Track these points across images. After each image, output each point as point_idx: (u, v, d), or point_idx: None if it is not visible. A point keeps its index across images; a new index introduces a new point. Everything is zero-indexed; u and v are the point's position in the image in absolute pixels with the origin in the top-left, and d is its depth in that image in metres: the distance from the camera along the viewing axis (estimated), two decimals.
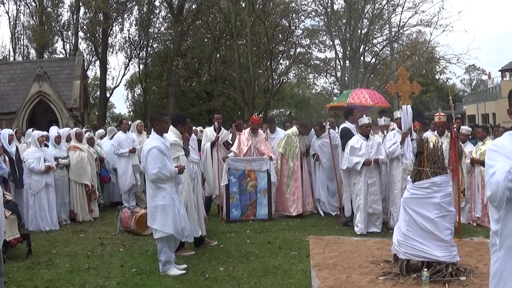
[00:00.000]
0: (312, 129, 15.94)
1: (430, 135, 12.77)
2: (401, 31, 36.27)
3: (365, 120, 12.87)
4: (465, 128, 14.63)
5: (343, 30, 35.40)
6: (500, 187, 4.36)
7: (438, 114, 13.35)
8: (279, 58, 39.99)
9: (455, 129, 12.49)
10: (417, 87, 12.96)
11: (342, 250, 10.76)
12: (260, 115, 16.42)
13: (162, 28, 44.92)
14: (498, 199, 4.44)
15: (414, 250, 8.63)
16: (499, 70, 66.80)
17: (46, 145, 14.50)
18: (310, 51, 41.61)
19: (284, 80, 42.60)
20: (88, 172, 14.90)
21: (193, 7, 42.68)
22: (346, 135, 13.56)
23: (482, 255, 10.01)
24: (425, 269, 8.30)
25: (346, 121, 14.12)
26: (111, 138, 17.56)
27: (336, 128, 15.43)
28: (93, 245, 11.81)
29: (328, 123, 15.26)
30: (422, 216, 8.59)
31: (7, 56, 47.15)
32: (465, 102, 75.93)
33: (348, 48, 35.06)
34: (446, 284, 8.22)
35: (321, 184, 15.24)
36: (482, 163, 13.12)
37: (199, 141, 15.10)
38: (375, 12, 35.25)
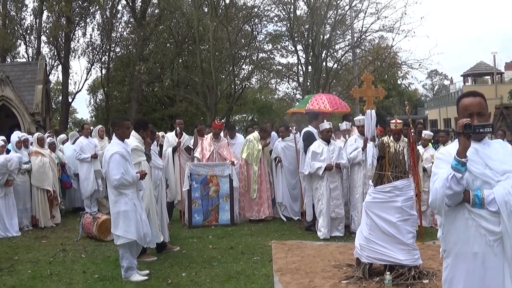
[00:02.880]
0: (274, 133, 16.01)
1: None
2: (363, 36, 36.35)
3: (326, 125, 12.94)
4: (427, 133, 14.80)
5: (305, 35, 35.44)
6: (438, 194, 4.57)
7: (394, 121, 13.44)
8: (241, 63, 39.88)
9: (412, 134, 12.60)
10: (381, 92, 13.03)
11: (305, 254, 10.80)
12: (222, 120, 16.43)
13: (125, 33, 44.74)
14: (438, 206, 4.66)
15: (377, 253, 8.67)
16: (461, 75, 67.69)
17: (8, 150, 14.37)
18: (272, 56, 41.59)
19: (247, 85, 42.60)
20: (50, 178, 14.77)
21: (156, 12, 42.54)
22: (308, 138, 13.62)
23: None
24: (388, 273, 8.35)
25: (309, 125, 14.16)
26: (73, 143, 17.45)
27: (299, 133, 15.44)
28: (55, 251, 11.70)
29: (294, 127, 15.30)
30: (384, 220, 8.64)
31: None
32: (427, 107, 76.60)
33: (311, 53, 35.09)
34: (409, 287, 8.27)
35: (283, 188, 15.27)
36: None
37: (161, 146, 15.05)
38: (337, 17, 35.31)
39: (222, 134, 15.55)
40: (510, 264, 4.46)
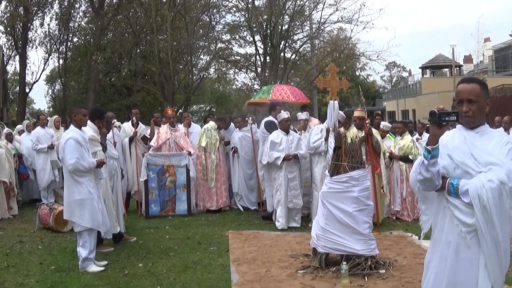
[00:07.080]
0: (232, 124, 15.96)
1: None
2: (322, 27, 36.38)
3: (284, 114, 12.93)
4: (385, 124, 14.84)
5: (264, 26, 35.42)
6: (411, 178, 4.64)
7: (359, 110, 13.49)
8: (199, 53, 39.73)
9: (367, 125, 12.61)
10: (345, 84, 13.04)
11: (261, 244, 10.78)
12: (174, 108, 16.43)
13: (83, 23, 44.24)
14: (413, 190, 4.79)
15: (333, 243, 8.67)
16: (419, 67, 68.29)
17: None
18: (230, 46, 41.49)
19: (204, 76, 42.52)
20: (7, 169, 14.55)
21: (114, 1, 42.14)
22: (271, 125, 13.59)
23: (401, 248, 10.14)
24: (344, 263, 8.36)
25: (270, 116, 14.15)
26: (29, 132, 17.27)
27: (256, 124, 15.38)
28: (12, 242, 11.53)
29: (250, 118, 15.27)
30: (340, 210, 8.64)
31: None
32: (385, 98, 77.08)
33: (269, 44, 35.12)
34: (366, 277, 8.29)
35: (240, 178, 15.25)
36: (401, 158, 13.36)
37: None
38: (296, 8, 35.33)
39: (179, 123, 15.51)
40: (486, 258, 4.36)
